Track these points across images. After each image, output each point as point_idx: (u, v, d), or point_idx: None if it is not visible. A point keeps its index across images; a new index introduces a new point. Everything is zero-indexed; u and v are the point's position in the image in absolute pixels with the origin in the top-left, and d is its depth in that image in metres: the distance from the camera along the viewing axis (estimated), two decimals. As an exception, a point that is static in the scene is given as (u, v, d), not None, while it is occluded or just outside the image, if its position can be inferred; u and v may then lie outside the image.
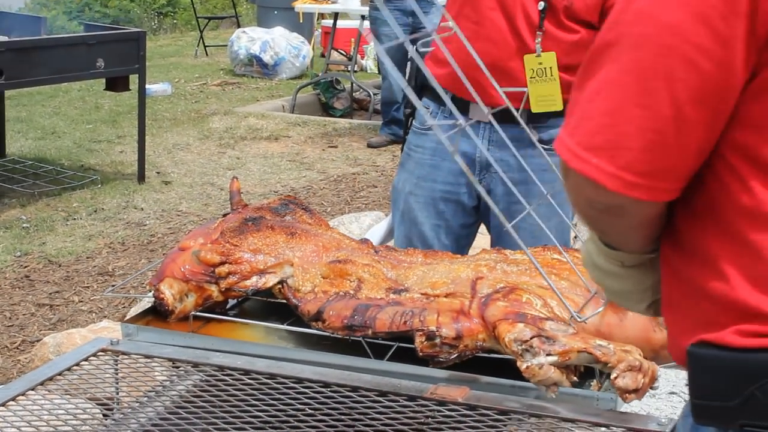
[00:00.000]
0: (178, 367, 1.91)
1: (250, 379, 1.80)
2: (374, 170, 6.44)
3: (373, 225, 4.85)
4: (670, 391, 3.19)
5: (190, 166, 6.50)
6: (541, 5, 2.28)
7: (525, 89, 2.14)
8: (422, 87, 2.48)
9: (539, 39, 2.29)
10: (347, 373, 1.80)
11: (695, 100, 0.94)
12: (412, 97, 1.56)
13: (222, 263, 2.02)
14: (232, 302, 2.15)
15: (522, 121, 1.94)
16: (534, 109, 2.31)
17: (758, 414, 1.00)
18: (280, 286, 1.99)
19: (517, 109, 1.96)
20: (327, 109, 8.85)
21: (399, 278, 1.98)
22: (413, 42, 2.27)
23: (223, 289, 2.02)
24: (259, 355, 1.90)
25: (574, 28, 2.31)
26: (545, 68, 2.27)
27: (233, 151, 6.95)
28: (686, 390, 1.12)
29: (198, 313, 2.02)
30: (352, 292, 1.91)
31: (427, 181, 2.51)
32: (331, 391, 1.75)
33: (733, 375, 1.00)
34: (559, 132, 1.05)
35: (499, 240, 2.53)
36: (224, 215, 2.22)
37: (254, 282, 2.00)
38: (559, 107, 2.32)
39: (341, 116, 8.61)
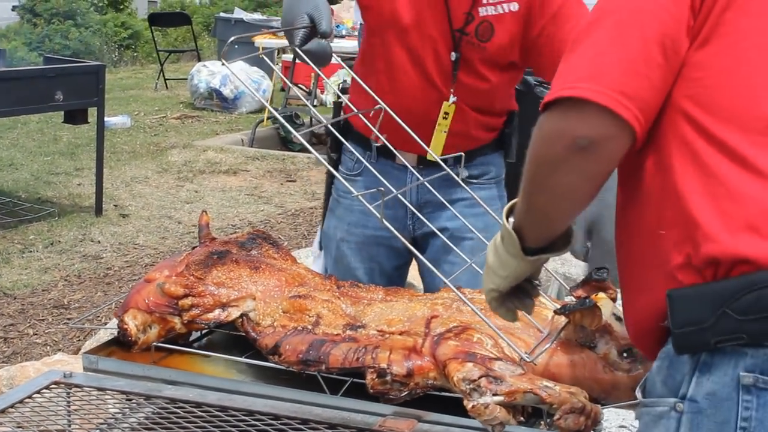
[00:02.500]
0: (130, 400, 1.92)
1: (201, 411, 1.81)
2: (332, 204, 6.44)
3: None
4: (620, 425, 3.23)
5: (148, 199, 6.49)
6: (454, 56, 2.26)
7: (461, 154, 2.14)
8: (347, 130, 2.46)
9: (452, 89, 2.28)
10: (298, 406, 1.82)
11: (658, 42, 1.23)
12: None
13: (185, 296, 2.03)
14: (197, 334, 2.16)
15: (443, 164, 2.08)
16: (439, 154, 2.28)
17: (729, 330, 1.21)
18: (241, 319, 2.01)
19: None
20: (286, 144, 8.87)
21: (357, 314, 2.00)
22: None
23: (185, 321, 2.03)
24: (214, 387, 1.91)
25: (487, 76, 2.29)
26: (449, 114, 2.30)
27: (192, 184, 6.95)
28: (636, 424, 1.33)
29: (160, 344, 2.03)
30: (310, 327, 1.93)
31: (358, 227, 2.48)
32: (281, 424, 1.76)
33: (707, 301, 1.23)
34: (551, 90, 1.26)
35: (430, 277, 2.54)
36: (192, 248, 2.23)
37: (216, 315, 2.02)
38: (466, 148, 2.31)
39: (300, 150, 8.63)
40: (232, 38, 1.91)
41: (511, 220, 1.40)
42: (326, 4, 2.08)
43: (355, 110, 2.15)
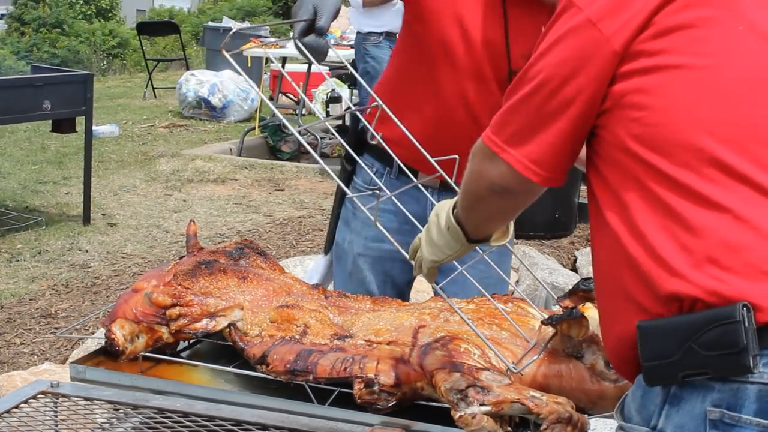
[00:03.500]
0: (118, 410, 1.92)
1: (188, 421, 1.81)
2: (320, 214, 6.46)
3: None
4: (607, 434, 3.25)
5: (136, 209, 6.48)
6: None
7: (456, 156, 2.13)
8: (363, 143, 2.45)
9: None
10: (285, 416, 1.81)
11: (578, 117, 1.38)
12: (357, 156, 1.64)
13: (173, 305, 2.03)
14: (184, 344, 2.16)
15: (456, 187, 1.99)
16: None
17: (695, 364, 1.25)
18: (228, 329, 2.01)
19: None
20: (274, 153, 8.87)
21: (345, 324, 2.00)
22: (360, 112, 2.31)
23: (173, 331, 2.03)
24: (202, 397, 1.91)
25: None
26: None
27: (180, 193, 6.95)
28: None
29: (148, 354, 2.03)
30: (297, 337, 1.93)
31: (376, 242, 2.46)
32: (269, 434, 1.77)
33: (673, 336, 1.27)
34: (488, 129, 1.46)
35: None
36: (180, 258, 2.23)
37: (204, 325, 2.02)
38: None
39: (288, 159, 8.63)
40: (234, 29, 1.92)
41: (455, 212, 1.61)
42: (335, 1, 2.05)
43: (373, 131, 2.12)
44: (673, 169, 1.31)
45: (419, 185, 1.91)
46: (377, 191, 1.79)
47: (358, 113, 2.35)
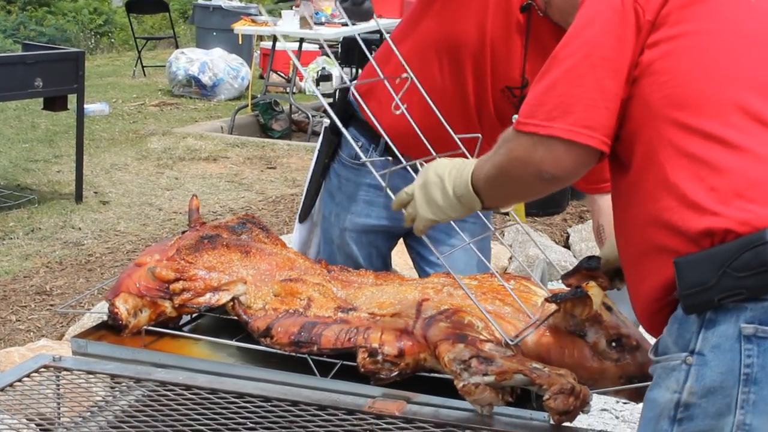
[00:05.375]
0: (120, 383, 1.93)
1: (191, 394, 1.82)
2: (312, 191, 6.44)
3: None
4: (602, 408, 3.26)
5: (128, 186, 6.47)
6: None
7: (479, 135, 2.06)
8: (350, 117, 2.45)
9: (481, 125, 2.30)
10: (287, 388, 1.83)
11: (609, 77, 1.46)
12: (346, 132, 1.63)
13: (176, 280, 2.04)
14: (187, 318, 2.16)
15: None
16: None
17: (730, 287, 1.37)
18: (232, 303, 2.02)
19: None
20: (265, 131, 8.85)
21: (348, 298, 2.02)
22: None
23: (176, 305, 2.04)
24: (204, 370, 1.92)
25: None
26: None
27: (171, 171, 6.94)
28: (618, 407, 1.38)
29: (151, 328, 2.04)
30: (301, 310, 1.94)
31: (361, 216, 2.49)
32: (271, 406, 1.77)
33: (709, 264, 1.38)
34: (518, 118, 1.50)
35: (422, 262, 2.57)
36: (182, 233, 2.24)
37: (207, 299, 2.03)
38: None
39: (280, 138, 8.61)
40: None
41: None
42: None
43: (380, 129, 2.08)
44: (699, 121, 1.43)
45: (407, 167, 1.91)
46: (388, 159, 1.80)
47: (353, 89, 2.34)
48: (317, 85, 10.26)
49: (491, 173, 1.58)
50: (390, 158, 1.88)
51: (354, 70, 9.65)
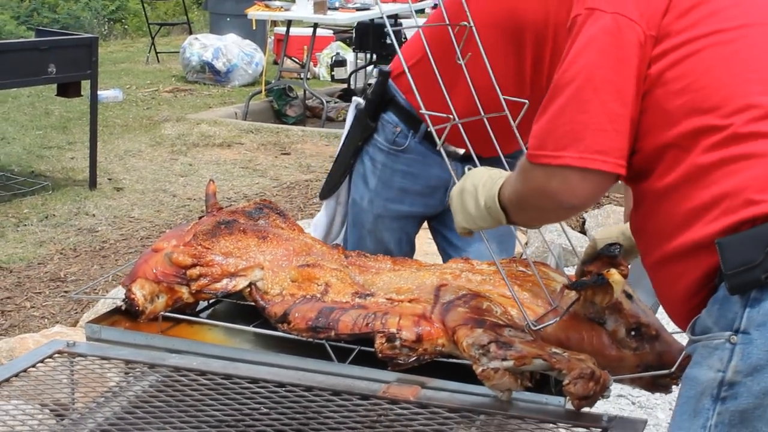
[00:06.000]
0: (134, 369, 1.93)
1: (205, 379, 1.82)
2: (327, 177, 6.45)
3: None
4: (618, 394, 3.25)
5: (142, 173, 6.48)
6: None
7: (526, 101, 1.97)
8: (389, 101, 2.43)
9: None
10: (301, 374, 1.83)
11: (613, 99, 1.48)
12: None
13: (193, 265, 2.04)
14: (203, 304, 2.16)
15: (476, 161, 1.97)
16: None
17: None
18: (249, 289, 2.01)
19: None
20: (279, 117, 8.85)
21: (366, 283, 2.01)
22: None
23: (193, 291, 2.04)
24: (219, 356, 1.91)
25: None
26: None
27: (185, 157, 6.94)
28: (634, 393, 1.40)
29: (168, 314, 2.04)
30: (318, 295, 1.94)
31: (395, 203, 2.50)
32: (285, 391, 1.77)
33: (754, 243, 1.41)
34: (529, 150, 1.52)
35: (447, 246, 2.57)
36: (199, 218, 2.23)
37: (224, 285, 2.03)
38: None
39: (294, 123, 8.62)
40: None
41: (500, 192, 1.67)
42: None
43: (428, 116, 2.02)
44: (723, 120, 1.45)
45: (443, 153, 1.88)
46: (449, 116, 1.78)
47: (408, 73, 2.27)
48: (332, 70, 10.26)
49: (513, 199, 1.62)
50: (454, 150, 1.82)
51: (368, 56, 9.63)
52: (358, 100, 2.55)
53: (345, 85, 10.16)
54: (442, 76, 1.93)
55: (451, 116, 1.83)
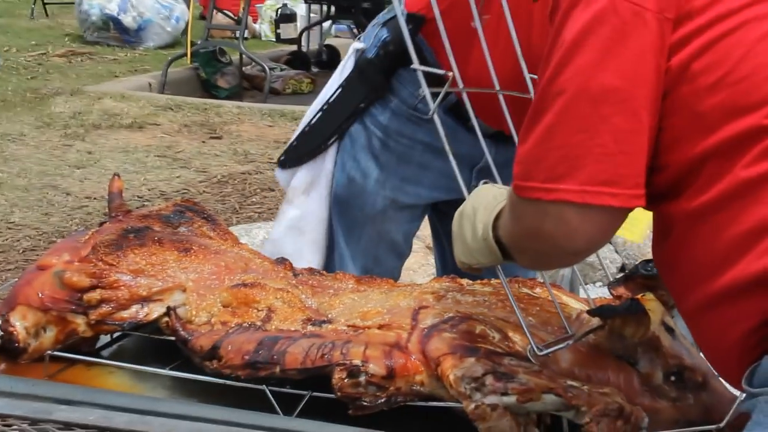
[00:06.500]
0: (10, 426, 1.90)
1: (106, 439, 1.81)
2: (270, 168, 6.44)
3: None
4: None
5: (25, 164, 6.44)
6: None
7: None
8: (402, 56, 2.46)
9: None
10: (232, 430, 1.80)
11: (621, 113, 1.45)
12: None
13: (92, 287, 2.02)
14: (105, 339, 2.15)
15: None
16: None
17: None
18: (167, 317, 2.00)
19: None
20: (208, 89, 8.85)
21: (322, 307, 2.01)
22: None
23: (92, 322, 2.02)
24: (124, 407, 1.86)
25: None
26: None
27: (83, 143, 6.91)
28: None
29: (58, 353, 2.02)
30: (259, 323, 1.93)
31: (411, 184, 2.53)
32: (211, 454, 1.76)
33: None
34: (514, 180, 1.51)
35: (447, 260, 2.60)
36: (100, 224, 2.22)
37: (134, 313, 2.01)
38: None
39: (227, 98, 8.60)
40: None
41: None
42: None
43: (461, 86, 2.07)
44: None
45: (476, 126, 1.90)
46: (447, 74, 1.79)
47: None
48: (277, 27, 10.25)
49: (507, 237, 1.63)
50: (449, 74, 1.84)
51: (324, 8, 9.63)
52: (360, 46, 2.55)
53: (294, 47, 10.16)
54: (462, 40, 1.98)
55: (459, 85, 1.86)
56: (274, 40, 10.60)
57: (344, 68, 2.56)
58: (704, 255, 1.49)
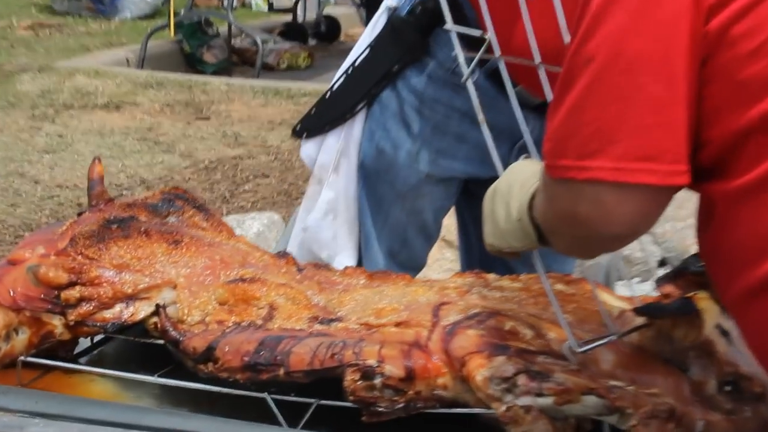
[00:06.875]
0: (-26, 444, 1.90)
1: (86, 456, 1.80)
2: (264, 152, 6.46)
3: (264, 230, 4.85)
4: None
5: (-12, 149, 6.47)
6: None
7: None
8: (441, 13, 2.48)
9: None
10: (230, 447, 1.81)
11: (658, 80, 1.45)
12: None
13: (71, 284, 2.02)
14: (85, 343, 2.15)
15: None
16: None
17: None
18: (155, 317, 2.01)
19: None
20: (193, 64, 8.86)
21: (330, 304, 2.01)
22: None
23: (71, 323, 2.02)
24: (104, 421, 1.87)
25: None
26: None
27: (53, 125, 6.93)
28: None
29: (31, 360, 2.02)
30: (260, 322, 1.94)
31: (447, 157, 2.53)
32: (204, 473, 1.75)
33: None
34: (544, 158, 1.53)
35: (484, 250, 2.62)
36: (79, 214, 2.22)
37: (118, 312, 2.02)
38: None
39: (214, 73, 8.61)
40: None
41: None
42: None
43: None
44: None
45: (512, 97, 1.89)
46: (484, 35, 1.81)
47: None
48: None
49: (542, 220, 1.64)
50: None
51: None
52: (393, 3, 2.54)
53: (289, 17, 10.17)
54: (511, 3, 1.97)
55: (495, 53, 1.88)
56: (266, 9, 10.61)
57: (375, 27, 2.56)
58: (748, 238, 1.49)
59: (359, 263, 2.62)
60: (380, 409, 1.77)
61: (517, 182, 1.72)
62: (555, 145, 1.51)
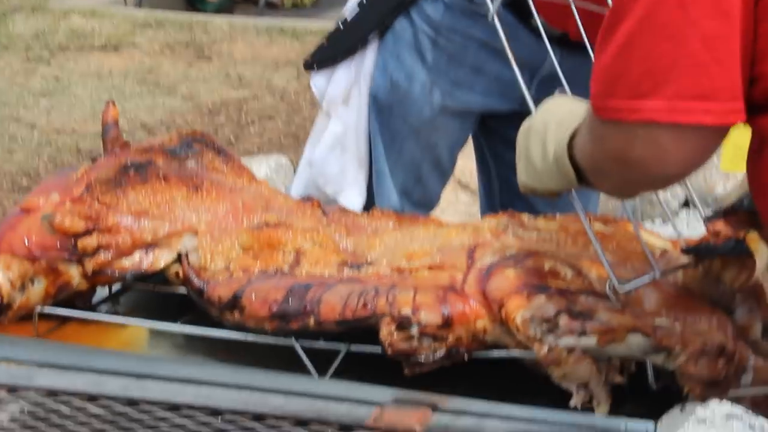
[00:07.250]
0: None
1: (98, 407, 1.79)
2: (269, 94, 6.47)
3: (272, 174, 4.85)
4: (728, 414, 3.39)
5: (-18, 93, 6.47)
6: None
7: None
8: None
9: None
10: (246, 395, 1.79)
11: (711, 16, 1.45)
12: None
13: (88, 232, 2.03)
14: (103, 292, 2.16)
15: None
16: None
17: None
18: (177, 265, 2.02)
19: None
20: (194, 2, 8.82)
21: (359, 249, 2.02)
22: None
23: (88, 273, 2.03)
24: (117, 371, 1.87)
25: None
26: None
27: (49, 68, 6.94)
28: (749, 412, 1.48)
29: (48, 310, 2.03)
30: (286, 269, 1.94)
31: (463, 90, 2.53)
32: (224, 422, 1.75)
33: None
34: (592, 98, 1.53)
35: (505, 189, 2.64)
36: (93, 160, 2.22)
37: (137, 261, 2.03)
38: None
39: (216, 12, 8.58)
40: None
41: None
42: None
43: None
44: None
45: (540, 27, 1.91)
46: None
47: None
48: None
49: (587, 161, 1.64)
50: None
51: None
52: None
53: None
54: None
55: None
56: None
57: None
58: None
59: (367, 201, 2.62)
60: (421, 360, 1.78)
61: (553, 121, 1.72)
62: (603, 86, 1.51)
